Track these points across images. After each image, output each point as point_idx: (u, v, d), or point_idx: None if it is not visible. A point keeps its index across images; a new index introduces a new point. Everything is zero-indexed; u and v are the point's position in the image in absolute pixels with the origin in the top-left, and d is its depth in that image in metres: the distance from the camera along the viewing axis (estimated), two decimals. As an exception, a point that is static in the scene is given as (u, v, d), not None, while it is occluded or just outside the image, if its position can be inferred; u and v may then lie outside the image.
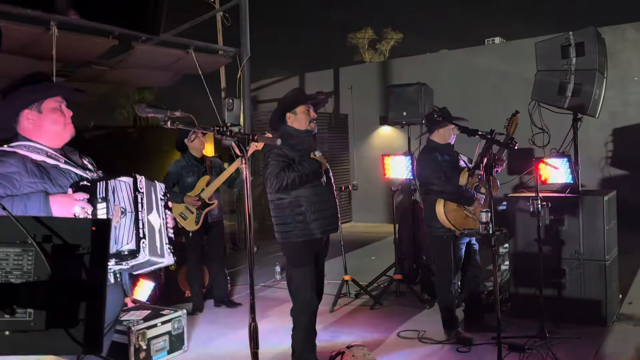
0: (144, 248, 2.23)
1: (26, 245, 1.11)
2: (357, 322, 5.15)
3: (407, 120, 5.85)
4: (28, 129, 2.34)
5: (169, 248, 2.45)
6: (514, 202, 5.06)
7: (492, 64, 10.65)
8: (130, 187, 2.31)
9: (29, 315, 1.09)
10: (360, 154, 12.05)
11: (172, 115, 2.12)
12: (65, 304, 1.12)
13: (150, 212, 2.37)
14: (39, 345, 1.12)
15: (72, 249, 1.16)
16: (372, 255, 8.19)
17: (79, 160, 2.47)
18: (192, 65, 8.23)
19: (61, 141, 2.40)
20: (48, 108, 2.35)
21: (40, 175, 2.23)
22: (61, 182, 2.27)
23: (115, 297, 2.43)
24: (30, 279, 1.10)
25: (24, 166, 2.21)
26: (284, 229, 3.74)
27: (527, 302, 4.83)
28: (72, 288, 1.14)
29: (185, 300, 5.84)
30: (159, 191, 2.50)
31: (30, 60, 6.75)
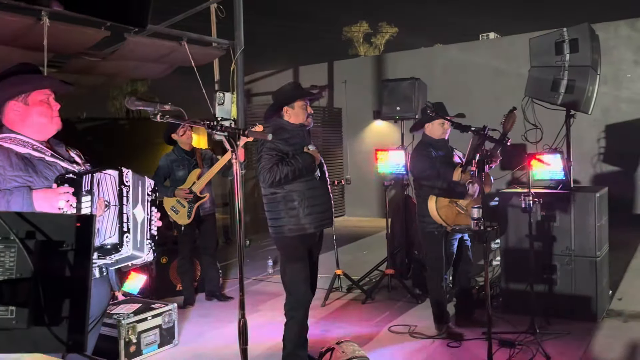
0: (127, 242, 2.20)
1: (8, 241, 1.08)
2: (348, 316, 5.15)
3: (400, 115, 5.83)
4: (13, 120, 2.30)
5: (149, 244, 2.39)
6: (506, 197, 5.07)
7: (486, 59, 10.65)
8: (115, 180, 2.27)
9: (11, 313, 1.07)
10: (353, 148, 12.04)
11: (162, 108, 2.09)
12: (49, 301, 1.10)
13: (136, 206, 2.33)
14: (21, 343, 1.10)
15: (55, 245, 1.14)
16: (364, 249, 8.19)
17: (65, 153, 2.43)
18: (185, 58, 8.18)
19: (47, 134, 2.36)
20: (35, 100, 2.31)
21: (25, 168, 2.20)
22: (47, 174, 2.24)
23: (101, 292, 2.39)
24: (12, 276, 1.07)
25: (8, 160, 2.18)
26: (277, 224, 3.73)
27: (517, 297, 4.84)
28: (55, 285, 1.12)
29: (176, 293, 5.83)
30: (147, 187, 2.46)
31: (21, 50, 6.68)
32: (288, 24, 50.22)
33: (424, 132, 4.68)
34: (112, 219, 2.22)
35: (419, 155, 4.56)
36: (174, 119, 2.11)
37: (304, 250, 3.76)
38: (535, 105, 5.07)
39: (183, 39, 7.96)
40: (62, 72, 8.59)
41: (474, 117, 5.00)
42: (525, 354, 4.04)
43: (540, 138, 5.14)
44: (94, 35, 7.22)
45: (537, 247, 4.79)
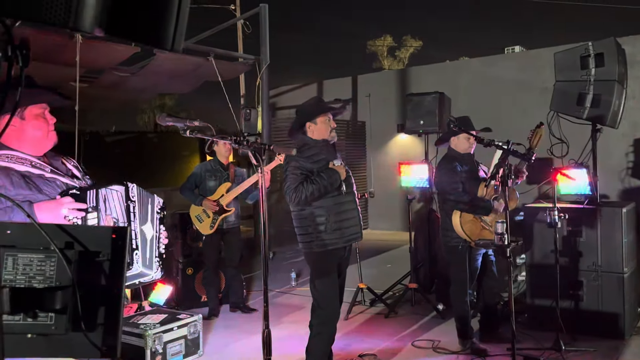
0: (136, 260, 2.18)
1: (49, 251, 1.15)
2: (371, 330, 5.15)
3: (424, 129, 5.85)
4: (9, 135, 2.21)
5: (157, 261, 2.36)
6: (532, 212, 5.04)
7: (511, 73, 10.59)
8: (122, 196, 2.23)
9: (50, 319, 1.13)
10: (377, 162, 12.05)
11: (190, 124, 2.15)
12: (85, 308, 1.16)
13: (145, 223, 2.32)
14: (59, 348, 1.16)
15: (92, 256, 1.20)
16: (388, 263, 8.18)
17: (63, 166, 2.36)
18: (212, 73, 8.33)
19: (43, 149, 2.30)
20: (31, 114, 2.23)
21: (28, 187, 2.14)
22: (48, 191, 2.18)
23: None
24: (52, 284, 1.14)
25: (8, 179, 2.11)
26: (306, 239, 3.75)
27: (543, 313, 4.79)
28: (92, 293, 1.18)
29: (201, 304, 5.90)
30: (157, 204, 2.44)
31: (54, 66, 6.90)
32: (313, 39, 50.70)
33: (449, 146, 4.68)
34: None
35: (443, 169, 4.56)
36: (202, 134, 2.18)
37: (333, 266, 3.77)
38: (561, 119, 5.05)
39: (210, 54, 8.13)
40: (94, 86, 8.83)
41: (499, 132, 4.99)
42: (550, 371, 4.00)
43: (566, 152, 5.12)
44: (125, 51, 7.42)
45: (563, 263, 4.73)
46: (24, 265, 1.13)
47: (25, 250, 1.15)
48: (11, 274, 1.13)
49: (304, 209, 3.70)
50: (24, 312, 1.12)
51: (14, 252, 1.13)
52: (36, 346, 1.16)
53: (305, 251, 3.80)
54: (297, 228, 3.82)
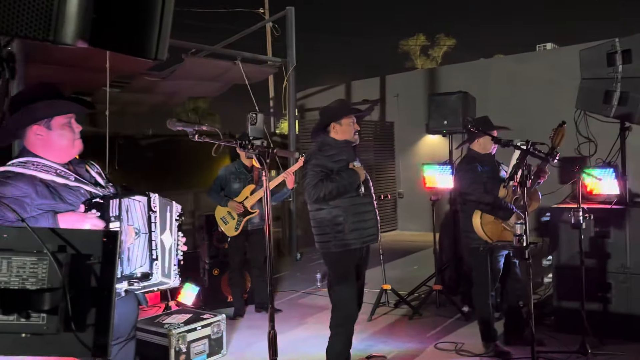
0: (156, 270, 2.22)
1: (41, 254, 1.20)
2: (394, 332, 5.14)
3: (448, 129, 5.80)
4: (35, 144, 2.29)
5: (175, 269, 2.39)
6: (558, 213, 4.94)
7: (543, 70, 10.39)
8: (144, 206, 2.27)
9: (42, 320, 1.18)
10: (406, 162, 11.98)
11: (199, 129, 2.20)
12: (76, 309, 1.21)
13: (164, 232, 2.35)
14: (52, 347, 1.21)
15: (84, 259, 1.25)
16: (415, 264, 8.12)
17: (86, 174, 2.42)
18: (240, 76, 8.46)
19: (69, 157, 2.36)
20: (57, 124, 2.30)
21: (51, 196, 2.20)
22: (71, 200, 2.23)
23: (128, 308, 2.41)
24: (44, 286, 1.19)
25: (33, 188, 2.17)
26: (323, 239, 3.77)
27: (570, 316, 4.69)
28: (82, 295, 1.23)
29: (227, 304, 5.98)
30: (175, 212, 2.46)
31: (86, 72, 7.11)
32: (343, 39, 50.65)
33: (469, 147, 4.63)
34: (142, 248, 2.22)
35: (463, 170, 4.52)
36: (210, 138, 2.22)
37: (350, 266, 3.79)
38: (590, 117, 4.95)
39: (237, 58, 8.24)
40: (126, 91, 9.06)
41: (531, 130, 4.91)
42: (575, 375, 3.92)
43: (594, 151, 5.01)
44: (153, 56, 7.57)
45: (591, 265, 4.62)
46: (18, 268, 1.19)
47: (20, 254, 1.20)
48: (5, 276, 1.18)
49: (322, 209, 3.72)
50: (17, 312, 1.17)
51: (8, 255, 1.19)
52: (31, 345, 1.21)
53: (323, 251, 3.83)
54: (314, 228, 3.85)
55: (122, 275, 2.13)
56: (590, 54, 4.71)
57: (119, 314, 2.26)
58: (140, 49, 1.17)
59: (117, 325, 2.27)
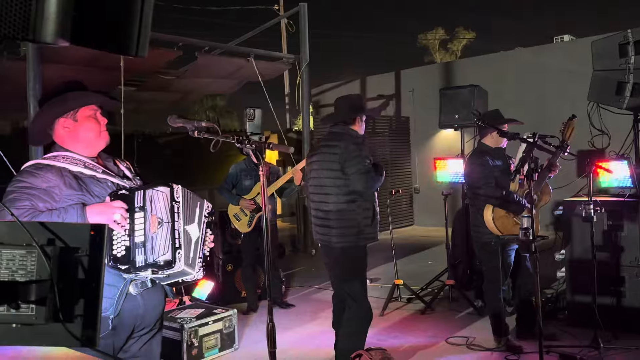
0: (179, 258, 2.25)
1: (30, 247, 1.24)
2: (406, 326, 5.14)
3: (459, 123, 5.77)
4: (63, 137, 2.36)
5: (200, 262, 2.42)
6: (571, 206, 4.88)
7: (560, 62, 10.25)
8: (167, 197, 2.31)
9: (32, 310, 1.22)
10: (422, 157, 11.92)
11: (198, 125, 2.23)
12: (64, 301, 1.24)
13: (191, 224, 2.39)
14: (43, 337, 1.25)
15: (72, 252, 1.29)
16: (430, 259, 8.10)
17: (114, 167, 2.48)
18: (253, 73, 8.50)
19: (96, 149, 2.42)
20: (83, 116, 2.36)
21: (79, 188, 2.26)
22: (98, 192, 2.29)
23: (154, 299, 2.45)
24: (33, 278, 1.23)
25: (62, 179, 2.23)
26: (350, 232, 3.70)
27: (583, 310, 4.64)
28: (70, 287, 1.27)
29: (241, 300, 6.03)
30: (205, 209, 2.51)
31: (100, 71, 7.21)
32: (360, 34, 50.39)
33: (479, 140, 4.60)
34: (165, 236, 2.26)
35: (474, 163, 4.49)
36: (210, 134, 2.25)
37: (366, 260, 3.85)
38: (602, 110, 4.88)
39: (250, 55, 8.28)
40: (141, 90, 9.17)
41: (548, 123, 4.86)
42: (587, 369, 3.89)
43: (608, 144, 4.95)
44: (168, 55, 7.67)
45: (604, 258, 4.58)
46: (7, 261, 1.23)
47: (9, 247, 1.24)
48: (-4, 269, 1.22)
49: (355, 201, 3.68)
50: (7, 303, 1.21)
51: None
52: (22, 335, 1.25)
53: (346, 245, 3.71)
54: (340, 221, 3.71)
55: (145, 263, 2.18)
56: (602, 45, 4.65)
57: (145, 304, 2.35)
58: (121, 46, 1.20)
59: (143, 315, 2.36)
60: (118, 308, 2.24)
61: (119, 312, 2.25)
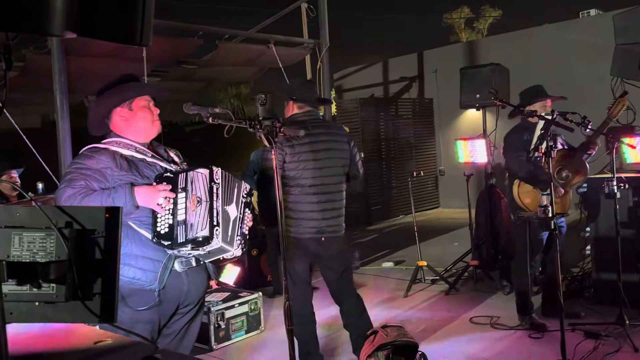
0: (217, 235, 2.36)
1: (50, 230, 1.32)
2: (430, 307, 5.17)
3: (481, 103, 5.71)
4: (119, 125, 2.53)
5: (239, 240, 2.55)
6: (595, 183, 4.82)
7: (587, 37, 10.00)
8: (206, 178, 2.45)
9: (52, 289, 1.30)
10: (446, 139, 11.81)
11: (212, 111, 2.29)
12: (82, 279, 1.32)
13: (230, 204, 2.52)
14: (63, 314, 1.33)
15: (88, 233, 1.36)
16: (455, 241, 8.07)
17: (165, 153, 2.65)
18: (274, 59, 8.51)
19: (149, 136, 2.60)
20: (138, 106, 2.54)
21: (129, 169, 2.42)
22: (148, 174, 2.46)
23: (197, 279, 2.58)
24: (52, 259, 1.30)
25: (114, 161, 2.40)
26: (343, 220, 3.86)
27: (608, 288, 4.60)
28: (88, 266, 1.34)
29: (267, 284, 6.13)
30: (243, 190, 2.65)
31: (124, 62, 7.33)
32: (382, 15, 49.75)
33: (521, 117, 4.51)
34: (203, 214, 2.39)
35: (507, 138, 4.46)
36: (223, 120, 2.31)
37: None
38: (627, 85, 4.79)
39: (271, 41, 8.30)
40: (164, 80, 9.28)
41: (575, 99, 4.78)
42: (612, 346, 3.87)
43: (633, 119, 4.85)
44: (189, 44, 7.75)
45: (629, 235, 4.51)
46: (29, 243, 1.30)
47: (30, 230, 1.32)
48: (18, 251, 1.30)
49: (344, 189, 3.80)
50: (29, 283, 1.30)
51: (19, 232, 1.31)
52: (44, 312, 1.33)
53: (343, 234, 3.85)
54: (343, 209, 3.85)
55: (186, 239, 2.33)
56: (624, 19, 4.55)
57: (189, 281, 2.51)
58: (126, 36, 1.24)
59: (187, 292, 2.52)
60: (163, 282, 2.40)
61: (164, 285, 2.40)
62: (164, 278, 2.41)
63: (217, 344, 4.48)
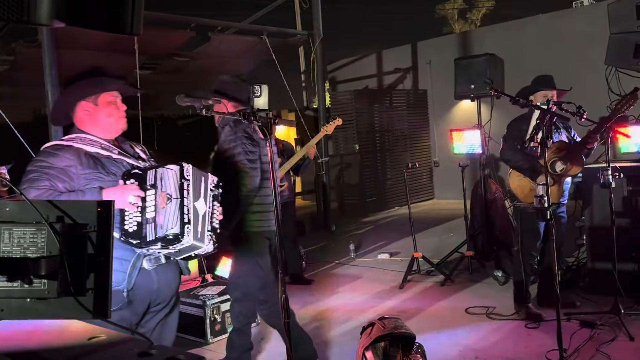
0: (188, 232, 2.31)
1: (40, 225, 1.29)
2: (425, 298, 5.17)
3: (475, 93, 5.69)
4: (83, 120, 2.46)
5: (209, 235, 2.48)
6: (590, 173, 4.81)
7: (581, 27, 9.99)
8: (176, 174, 2.37)
9: (44, 285, 1.27)
10: (441, 130, 11.80)
11: (205, 103, 2.26)
12: (74, 275, 1.29)
13: (197, 200, 2.45)
14: (55, 311, 1.31)
15: (80, 227, 1.33)
16: (450, 232, 8.08)
17: (131, 149, 2.57)
18: (267, 51, 8.47)
19: (114, 133, 2.51)
20: (104, 101, 2.46)
21: (95, 166, 2.35)
22: (114, 171, 2.39)
23: (168, 276, 2.51)
24: (43, 254, 1.28)
25: (78, 159, 2.33)
26: None
27: (604, 277, 4.61)
28: (80, 261, 1.31)
29: (262, 277, 6.11)
30: (210, 182, 2.57)
31: (115, 55, 7.27)
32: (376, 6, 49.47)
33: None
34: (173, 211, 2.33)
35: (508, 127, 4.47)
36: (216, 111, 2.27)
37: None
38: (621, 74, 4.78)
39: (264, 33, 8.26)
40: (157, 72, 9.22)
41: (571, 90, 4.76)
42: (607, 335, 3.88)
43: (628, 109, 4.84)
44: (181, 36, 7.69)
45: (624, 225, 4.53)
46: (19, 238, 1.28)
47: (20, 225, 1.29)
48: (8, 246, 1.27)
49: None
50: (20, 279, 1.27)
51: (9, 227, 1.28)
52: (36, 309, 1.30)
53: None
54: None
55: (155, 237, 2.27)
56: (619, 7, 4.53)
57: (159, 279, 2.43)
58: (116, 25, 1.21)
59: (158, 290, 2.43)
60: (132, 282, 2.33)
61: (132, 285, 2.33)
62: (133, 278, 2.34)
63: (213, 337, 4.47)
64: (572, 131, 4.48)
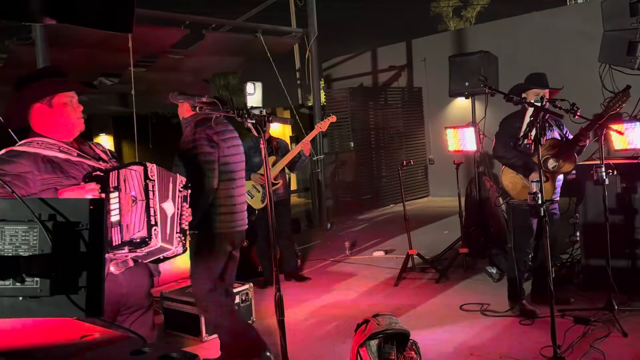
0: (155, 235, 2.26)
1: (32, 223, 1.28)
2: (420, 295, 5.18)
3: (469, 91, 5.71)
4: (39, 122, 2.36)
5: (178, 237, 2.44)
6: (583, 170, 4.83)
7: (575, 25, 10.00)
8: (140, 175, 2.30)
9: (36, 283, 1.27)
10: (436, 128, 11.80)
11: (199, 101, 2.25)
12: (66, 273, 1.29)
13: (165, 201, 2.40)
14: (48, 309, 1.30)
15: (73, 226, 1.33)
16: (445, 229, 8.10)
17: (91, 151, 2.49)
18: (262, 49, 8.46)
19: (71, 135, 2.42)
20: (59, 102, 2.36)
21: (53, 171, 2.27)
22: (74, 174, 2.31)
23: (137, 278, 2.47)
24: (36, 252, 1.27)
25: (35, 164, 2.25)
26: None
27: (598, 274, 4.63)
28: (72, 259, 1.31)
29: (258, 274, 6.11)
30: (179, 183, 2.51)
31: (109, 52, 7.25)
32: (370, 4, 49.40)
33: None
34: (139, 214, 2.27)
35: (500, 125, 4.49)
36: (210, 109, 2.27)
37: None
38: (615, 71, 4.80)
39: (258, 31, 8.24)
40: (151, 70, 9.20)
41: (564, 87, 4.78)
42: (601, 331, 3.90)
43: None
44: (175, 34, 7.67)
45: (618, 221, 4.54)
46: (11, 236, 1.27)
47: (12, 223, 1.28)
48: (0, 244, 1.27)
49: None
50: (12, 277, 1.26)
51: (1, 225, 1.28)
52: (28, 307, 1.30)
53: None
54: None
55: (122, 241, 2.20)
56: (612, 5, 4.54)
57: (127, 283, 2.37)
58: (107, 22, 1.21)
59: (127, 294, 2.37)
60: None
61: None
62: None
63: (208, 335, 4.46)
64: (564, 128, 4.50)
